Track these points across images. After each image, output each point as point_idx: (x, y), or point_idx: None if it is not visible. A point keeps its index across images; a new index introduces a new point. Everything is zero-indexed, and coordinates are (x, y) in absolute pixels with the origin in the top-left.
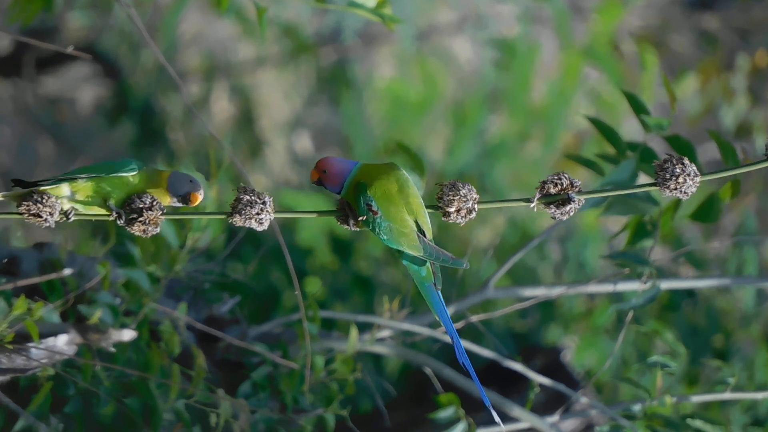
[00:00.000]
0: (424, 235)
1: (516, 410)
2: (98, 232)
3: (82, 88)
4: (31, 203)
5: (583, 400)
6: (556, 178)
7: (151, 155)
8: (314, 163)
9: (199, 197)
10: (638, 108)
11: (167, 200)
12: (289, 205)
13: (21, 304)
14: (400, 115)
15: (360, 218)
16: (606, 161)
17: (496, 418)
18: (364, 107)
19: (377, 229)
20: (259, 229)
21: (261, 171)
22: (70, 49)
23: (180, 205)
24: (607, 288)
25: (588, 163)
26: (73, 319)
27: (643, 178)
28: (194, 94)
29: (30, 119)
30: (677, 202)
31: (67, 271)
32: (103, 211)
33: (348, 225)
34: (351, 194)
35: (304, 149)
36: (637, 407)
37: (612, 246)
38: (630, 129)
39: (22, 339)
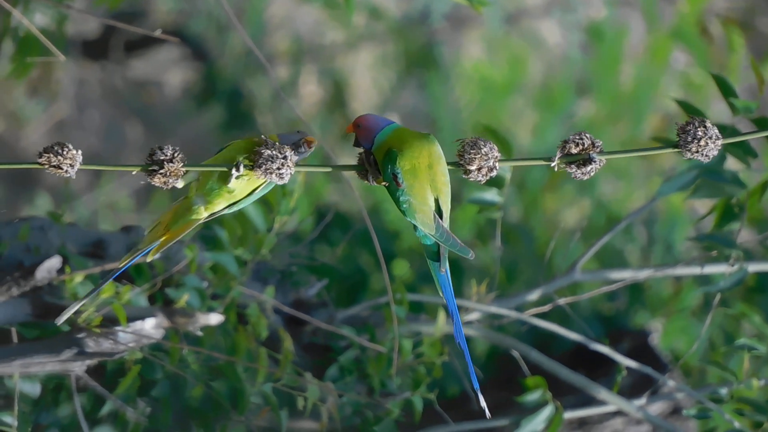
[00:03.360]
0: (442, 215)
1: (603, 393)
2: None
3: (170, 72)
4: (51, 155)
5: (670, 383)
6: (577, 137)
7: (239, 138)
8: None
9: (314, 139)
10: (726, 90)
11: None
12: (371, 187)
13: (108, 288)
14: (488, 98)
15: (383, 183)
16: None
17: (483, 404)
18: (452, 90)
19: (397, 199)
20: (280, 183)
21: (350, 154)
22: (158, 33)
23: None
24: (695, 271)
25: (676, 146)
26: (161, 302)
27: (731, 161)
28: (282, 78)
29: (118, 102)
30: (765, 184)
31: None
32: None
33: (368, 180)
34: (380, 155)
35: None
36: (724, 390)
37: (699, 228)
38: (718, 111)
39: (109, 323)
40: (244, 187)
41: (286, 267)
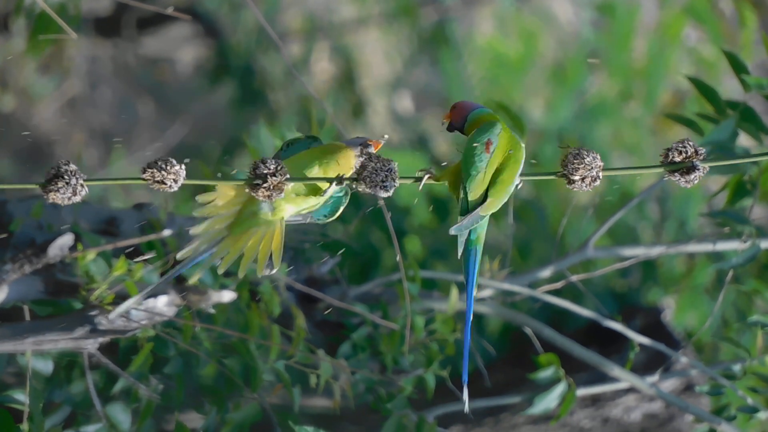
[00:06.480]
0: (486, 196)
1: (616, 370)
2: (198, 192)
3: (182, 49)
4: (155, 170)
5: (683, 359)
6: (680, 145)
7: (251, 115)
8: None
9: (379, 143)
10: (738, 67)
11: (352, 160)
12: None
13: (121, 265)
14: (500, 75)
15: (474, 144)
16: (706, 120)
17: (465, 398)
18: (464, 67)
19: (473, 162)
20: (384, 195)
21: (362, 131)
22: (170, 10)
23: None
24: (707, 247)
25: (688, 123)
26: (173, 280)
27: (743, 138)
28: (295, 55)
29: (130, 80)
30: None
31: (166, 232)
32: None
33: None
34: (473, 127)
35: (405, 109)
36: (737, 367)
37: (712, 205)
38: (730, 88)
39: (122, 300)
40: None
41: (298, 244)
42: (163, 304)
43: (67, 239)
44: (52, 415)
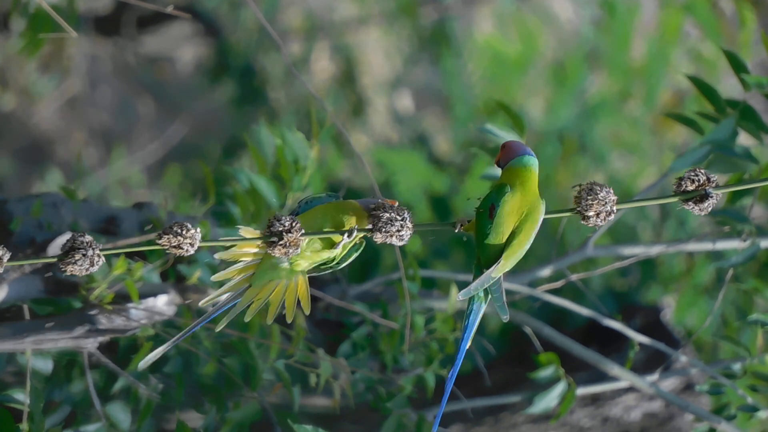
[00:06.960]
0: (500, 257)
1: (615, 369)
2: (198, 192)
3: (182, 48)
4: (171, 236)
5: (683, 358)
6: (693, 174)
7: (251, 114)
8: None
9: (395, 202)
10: (737, 66)
11: (365, 220)
12: (383, 162)
13: (121, 265)
14: (500, 74)
15: (480, 210)
16: (706, 119)
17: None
18: (464, 66)
19: (481, 227)
20: (400, 245)
21: (362, 130)
22: (170, 9)
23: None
24: (707, 246)
25: (688, 122)
26: (173, 279)
27: (743, 137)
28: (295, 54)
29: (130, 78)
30: None
31: None
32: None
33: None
34: (506, 176)
35: (405, 108)
36: (737, 366)
37: None
38: (730, 86)
39: (121, 299)
40: (339, 253)
41: None
42: (163, 303)
43: (66, 238)
44: (52, 415)
